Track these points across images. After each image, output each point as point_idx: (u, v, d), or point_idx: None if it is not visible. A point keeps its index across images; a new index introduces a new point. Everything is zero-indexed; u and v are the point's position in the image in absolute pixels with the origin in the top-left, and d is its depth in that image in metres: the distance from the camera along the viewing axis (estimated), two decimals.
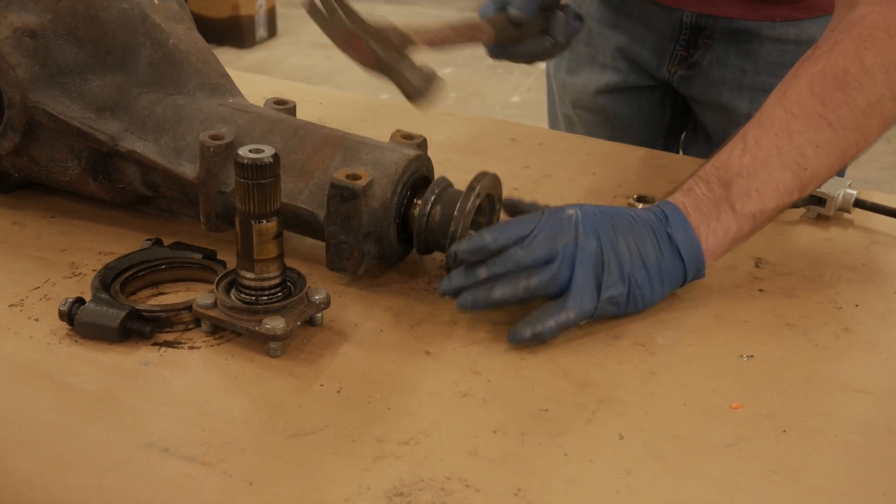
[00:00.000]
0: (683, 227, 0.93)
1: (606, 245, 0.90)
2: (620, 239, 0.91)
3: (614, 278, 0.90)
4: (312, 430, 0.79)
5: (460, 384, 0.86)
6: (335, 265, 0.96)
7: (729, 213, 0.94)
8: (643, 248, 0.91)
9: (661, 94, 1.50)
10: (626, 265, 0.90)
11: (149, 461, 0.76)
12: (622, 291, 0.90)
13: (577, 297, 0.89)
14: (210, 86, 1.05)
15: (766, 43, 1.35)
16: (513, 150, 1.34)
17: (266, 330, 0.86)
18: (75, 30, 1.02)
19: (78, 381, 0.84)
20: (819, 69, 0.95)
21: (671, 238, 0.92)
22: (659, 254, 0.92)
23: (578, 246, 0.89)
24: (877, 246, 1.12)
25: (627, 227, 0.92)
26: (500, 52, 1.18)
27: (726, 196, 0.94)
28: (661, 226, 0.93)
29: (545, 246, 0.89)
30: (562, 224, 0.90)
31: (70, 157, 1.04)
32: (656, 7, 1.40)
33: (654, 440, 0.80)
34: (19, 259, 1.02)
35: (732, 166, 0.95)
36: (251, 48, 5.01)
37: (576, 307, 0.89)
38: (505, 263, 0.90)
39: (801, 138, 0.94)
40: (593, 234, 0.90)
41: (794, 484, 0.76)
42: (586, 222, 0.90)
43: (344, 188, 0.92)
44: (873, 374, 0.89)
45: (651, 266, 0.91)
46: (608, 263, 0.90)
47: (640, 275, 0.91)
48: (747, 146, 0.96)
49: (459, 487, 0.74)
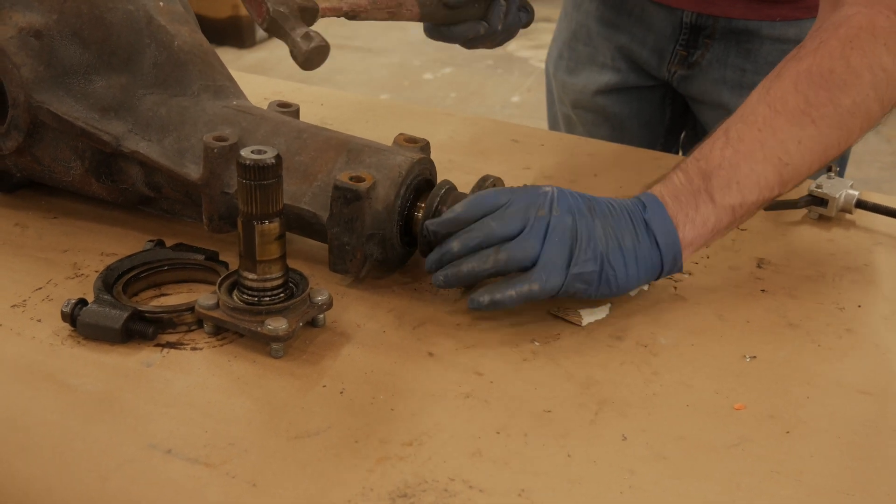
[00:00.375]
0: (661, 214, 0.92)
1: (581, 224, 0.89)
2: (597, 221, 0.90)
3: (586, 256, 0.89)
4: (315, 431, 0.80)
5: (463, 385, 0.86)
6: (338, 267, 0.96)
7: (708, 204, 0.93)
8: (619, 232, 0.91)
9: (661, 94, 1.51)
10: (601, 244, 0.89)
11: (152, 462, 0.76)
12: (593, 269, 0.89)
13: (543, 270, 0.88)
14: (214, 87, 1.05)
15: (766, 42, 1.35)
16: (514, 151, 1.34)
17: (268, 331, 0.86)
18: (80, 30, 1.02)
19: (80, 383, 0.84)
20: (804, 67, 0.95)
21: (647, 225, 0.91)
22: (636, 239, 0.91)
23: (551, 220, 0.89)
24: (879, 247, 1.12)
25: (605, 212, 0.91)
26: (434, 32, 1.20)
27: (706, 187, 0.93)
28: (639, 212, 0.92)
29: (518, 218, 0.89)
30: (537, 198, 0.90)
31: (73, 158, 1.04)
32: (656, 7, 1.40)
33: (657, 441, 0.80)
34: (21, 260, 1.02)
35: (713, 158, 0.94)
36: (251, 48, 5.01)
37: (540, 280, 0.88)
38: (476, 236, 0.90)
39: (785, 134, 0.94)
40: (568, 211, 0.90)
41: (797, 484, 0.76)
42: (562, 200, 0.90)
43: (347, 190, 0.92)
44: (876, 375, 0.89)
45: (627, 249, 0.90)
46: (581, 241, 0.89)
47: (614, 256, 0.90)
48: (729, 140, 0.95)
49: (463, 488, 0.74)
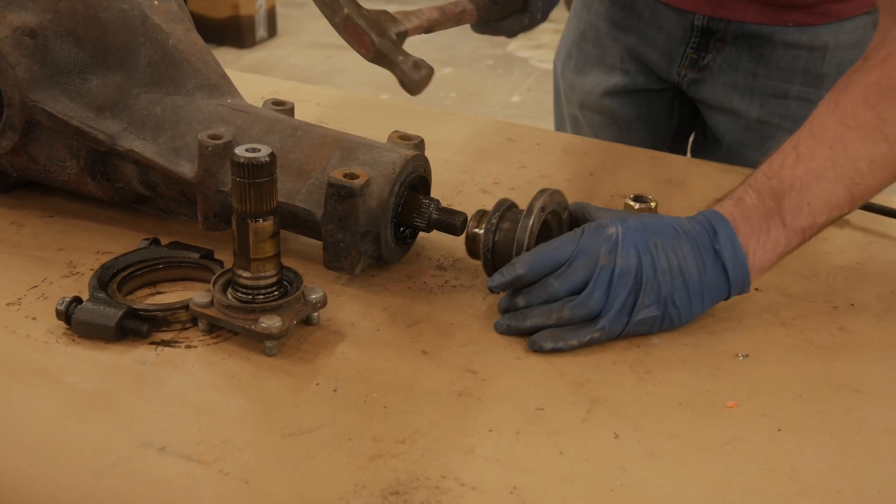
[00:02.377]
0: (732, 243, 0.89)
1: (646, 263, 0.88)
2: (661, 256, 0.88)
3: (649, 300, 0.88)
4: (309, 429, 0.80)
5: (456, 383, 0.86)
6: (332, 264, 0.97)
7: (779, 228, 0.91)
8: (685, 265, 0.89)
9: (669, 97, 1.49)
10: (665, 287, 0.88)
11: (146, 460, 0.76)
12: (656, 314, 0.89)
13: (607, 319, 0.88)
14: (209, 86, 1.05)
15: (778, 48, 1.33)
16: (510, 151, 1.34)
17: (262, 329, 0.86)
18: (75, 30, 1.02)
19: (75, 380, 0.84)
20: (873, 81, 0.92)
21: (717, 254, 0.89)
22: (702, 271, 0.89)
23: (616, 267, 0.88)
24: (873, 245, 1.12)
25: (670, 243, 0.89)
26: (484, 28, 1.22)
27: (778, 209, 0.91)
28: (708, 240, 0.90)
29: (581, 272, 0.88)
30: (601, 245, 0.88)
31: (69, 157, 1.04)
32: (667, 9, 1.39)
33: (649, 439, 0.80)
34: (17, 258, 1.02)
35: (785, 177, 0.91)
36: (251, 48, 5.01)
37: (603, 329, 0.89)
38: (540, 295, 0.90)
39: (857, 152, 0.91)
40: (633, 252, 0.88)
41: (788, 482, 0.76)
42: (626, 240, 0.88)
43: (341, 187, 0.93)
44: (868, 373, 0.90)
45: (692, 284, 0.89)
46: (645, 285, 0.88)
47: (679, 295, 0.89)
48: (800, 157, 0.92)
49: (455, 486, 0.74)
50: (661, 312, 0.89)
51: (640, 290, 0.88)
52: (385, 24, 1.06)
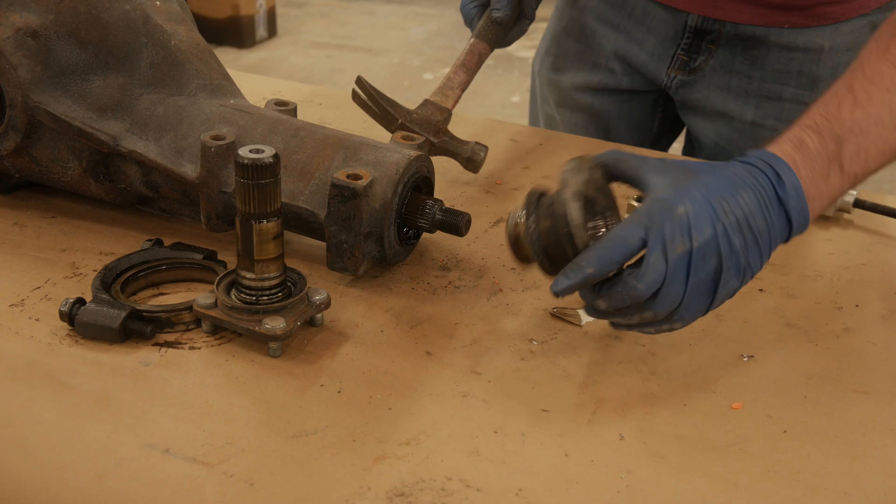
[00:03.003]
0: (797, 190, 0.83)
1: (723, 242, 0.81)
2: (731, 219, 0.81)
3: (731, 275, 0.82)
4: (313, 430, 0.80)
5: (461, 384, 0.86)
6: (336, 265, 0.96)
7: (837, 174, 0.86)
8: (754, 222, 0.82)
9: (652, 100, 1.47)
10: (742, 257, 0.82)
11: (149, 462, 0.76)
12: (737, 286, 0.83)
13: (686, 310, 0.82)
14: (211, 87, 1.05)
15: (773, 50, 1.32)
16: (513, 151, 1.34)
17: (266, 330, 0.86)
18: (77, 30, 1.02)
19: (78, 382, 0.84)
20: None
21: (782, 202, 0.83)
22: (770, 224, 0.83)
23: (693, 252, 0.80)
24: (877, 246, 1.12)
25: (734, 199, 0.82)
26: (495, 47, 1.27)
27: (838, 154, 0.86)
28: (771, 188, 0.83)
29: (660, 265, 0.80)
30: (674, 230, 0.80)
31: (71, 158, 1.04)
32: (660, 8, 1.36)
33: (654, 440, 0.80)
34: (20, 259, 1.02)
35: (845, 120, 0.86)
36: (251, 48, 5.01)
37: (682, 320, 0.83)
38: (624, 298, 0.82)
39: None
40: (710, 233, 0.80)
41: (794, 484, 0.76)
42: (699, 217, 0.80)
43: (345, 188, 0.93)
44: (873, 375, 0.89)
45: (763, 242, 0.83)
46: (726, 264, 0.81)
47: (752, 253, 0.82)
48: (858, 100, 0.87)
49: (460, 487, 0.74)
50: (741, 281, 0.84)
51: (720, 269, 0.82)
52: (434, 118, 1.18)
